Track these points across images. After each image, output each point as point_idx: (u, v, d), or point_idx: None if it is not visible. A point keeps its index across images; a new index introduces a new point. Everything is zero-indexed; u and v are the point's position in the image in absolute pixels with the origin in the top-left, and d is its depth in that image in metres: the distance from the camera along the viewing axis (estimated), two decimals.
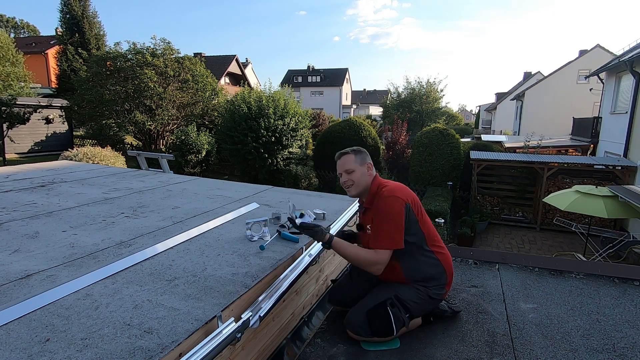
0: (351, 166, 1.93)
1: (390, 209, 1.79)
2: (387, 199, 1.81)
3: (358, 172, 1.93)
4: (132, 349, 1.16)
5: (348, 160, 1.94)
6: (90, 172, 4.20)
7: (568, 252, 8.16)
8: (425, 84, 25.65)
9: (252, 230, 2.14)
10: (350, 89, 54.80)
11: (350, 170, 1.93)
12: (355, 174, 1.92)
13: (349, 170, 1.93)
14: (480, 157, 10.47)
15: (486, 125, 38.60)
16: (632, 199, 5.90)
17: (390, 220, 1.78)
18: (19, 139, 16.34)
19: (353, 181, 1.93)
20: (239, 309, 1.48)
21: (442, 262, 1.91)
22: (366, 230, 1.94)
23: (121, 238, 2.11)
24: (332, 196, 3.30)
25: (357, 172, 1.93)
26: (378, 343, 1.84)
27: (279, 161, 13.13)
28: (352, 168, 1.93)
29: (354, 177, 1.92)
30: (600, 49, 20.83)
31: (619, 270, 2.53)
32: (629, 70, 9.82)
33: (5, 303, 1.39)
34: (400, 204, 1.79)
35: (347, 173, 1.93)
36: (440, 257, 1.92)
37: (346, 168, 1.94)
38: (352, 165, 1.93)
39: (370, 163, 1.98)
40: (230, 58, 30.63)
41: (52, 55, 25.97)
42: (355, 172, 1.93)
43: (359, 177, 1.93)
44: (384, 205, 1.81)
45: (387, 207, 1.79)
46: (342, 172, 1.95)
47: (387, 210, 1.79)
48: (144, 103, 14.09)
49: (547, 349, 1.77)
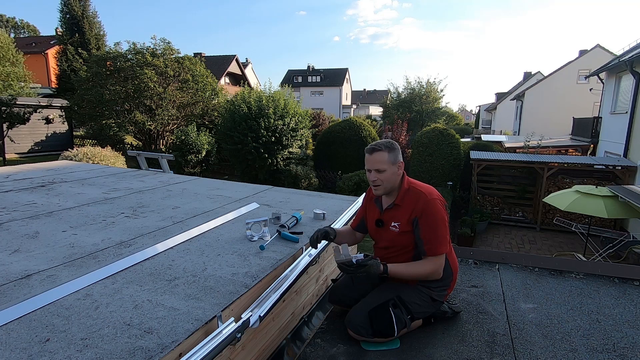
0: (384, 166, 1.80)
1: (440, 213, 1.77)
2: (434, 203, 1.77)
3: (389, 171, 1.81)
4: (132, 349, 1.16)
5: (381, 159, 1.80)
6: (90, 172, 4.20)
7: (568, 252, 8.15)
8: (425, 84, 25.67)
9: (252, 230, 2.14)
10: (350, 89, 54.80)
11: (382, 170, 1.80)
12: (386, 174, 1.81)
13: (380, 169, 1.80)
14: (480, 157, 10.47)
15: (486, 125, 38.60)
16: (632, 199, 5.90)
17: (443, 225, 1.77)
18: (19, 139, 16.33)
19: (382, 181, 1.82)
20: (239, 309, 1.48)
21: (450, 265, 1.91)
22: (389, 226, 1.89)
23: (121, 238, 2.11)
24: (332, 196, 3.30)
25: (389, 171, 1.81)
26: (378, 343, 1.84)
27: (279, 161, 13.13)
28: (384, 167, 1.80)
29: (384, 176, 1.81)
30: (600, 49, 20.82)
31: (619, 270, 2.53)
32: (629, 70, 9.81)
33: (5, 303, 1.39)
34: (443, 207, 1.79)
35: (378, 172, 1.81)
36: (451, 259, 1.91)
37: (377, 167, 1.81)
38: (385, 165, 1.80)
39: (402, 162, 1.86)
40: (230, 58, 30.64)
41: (52, 55, 25.96)
42: (386, 172, 1.81)
43: (389, 177, 1.81)
44: (434, 209, 1.76)
45: (437, 212, 1.76)
46: (373, 169, 1.82)
47: (438, 215, 1.76)
48: (144, 103, 14.09)
49: (547, 349, 1.77)
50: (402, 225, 1.84)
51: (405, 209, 1.83)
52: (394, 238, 1.88)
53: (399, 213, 1.86)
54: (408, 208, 1.82)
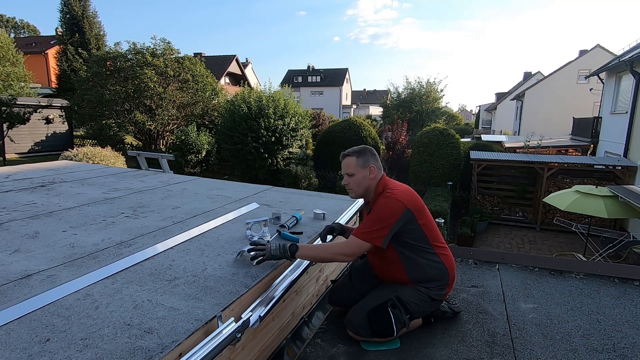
0: (352, 169, 1.92)
1: (385, 207, 1.79)
2: (386, 199, 1.82)
3: (359, 175, 1.91)
4: (132, 349, 1.16)
5: (349, 163, 1.93)
6: (90, 172, 4.20)
7: (568, 252, 8.16)
8: (425, 84, 25.66)
9: (252, 230, 2.14)
10: (350, 89, 54.79)
11: (351, 174, 1.93)
12: (355, 177, 1.92)
13: (349, 172, 1.93)
14: (480, 157, 10.47)
15: (486, 125, 38.60)
16: (632, 199, 5.90)
17: (380, 218, 1.78)
18: (19, 139, 16.33)
19: (353, 184, 1.93)
20: (239, 309, 1.48)
21: (444, 263, 1.91)
22: None
23: (121, 238, 2.11)
24: (332, 196, 3.30)
25: (358, 175, 1.92)
26: (378, 343, 1.84)
27: (279, 161, 13.13)
28: (353, 171, 1.92)
29: (354, 179, 1.92)
30: (600, 49, 20.83)
31: (619, 270, 2.53)
32: (629, 70, 9.82)
33: (5, 303, 1.39)
34: (398, 207, 1.78)
35: (348, 176, 1.94)
36: (443, 258, 1.91)
37: (347, 171, 1.94)
38: (353, 169, 1.92)
39: (373, 166, 1.92)
40: (230, 58, 30.64)
41: (52, 55, 25.97)
42: (355, 175, 1.92)
43: (359, 180, 1.91)
44: (381, 203, 1.82)
45: (383, 205, 1.81)
46: (344, 173, 1.96)
47: (382, 208, 1.80)
48: (144, 103, 14.09)
49: (547, 349, 1.77)
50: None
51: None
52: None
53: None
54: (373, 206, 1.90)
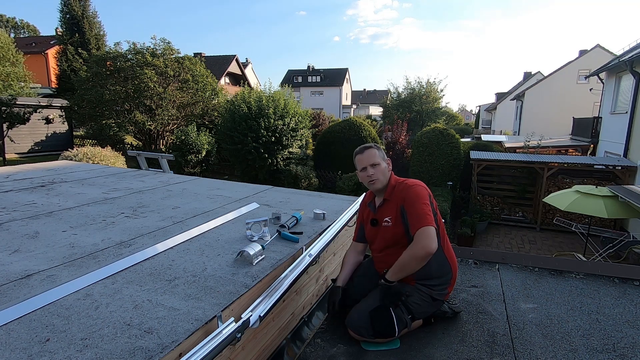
0: (377, 159, 1.95)
1: (421, 192, 1.86)
2: (414, 187, 1.88)
3: (382, 165, 1.96)
4: (132, 349, 1.16)
5: (373, 154, 1.96)
6: (90, 172, 4.20)
7: (568, 252, 8.15)
8: (425, 84, 25.67)
9: (252, 230, 2.14)
10: (350, 89, 54.79)
11: (376, 164, 1.94)
12: (380, 167, 1.95)
13: (374, 163, 1.94)
14: (480, 157, 10.47)
15: (486, 125, 38.59)
16: (632, 199, 5.90)
17: (424, 202, 1.82)
18: (19, 139, 16.33)
19: (379, 174, 1.94)
20: (239, 309, 1.48)
21: (448, 260, 1.93)
22: (382, 223, 1.95)
23: (121, 238, 2.11)
24: (332, 196, 3.30)
25: (382, 164, 1.96)
26: (378, 343, 1.84)
27: (279, 161, 13.13)
28: (378, 161, 1.95)
29: (379, 170, 1.94)
30: (600, 49, 20.82)
31: (619, 270, 2.52)
32: (629, 70, 9.82)
33: (5, 303, 1.39)
34: (426, 191, 1.88)
35: (373, 167, 1.94)
36: (448, 254, 1.94)
37: (372, 162, 1.94)
38: (378, 159, 1.95)
39: (389, 159, 2.04)
40: (230, 58, 30.63)
41: (52, 55, 25.97)
42: (380, 165, 1.95)
43: (384, 170, 1.96)
44: (414, 191, 1.86)
45: (417, 192, 1.86)
46: (368, 165, 1.95)
47: (419, 194, 1.85)
48: (144, 103, 14.09)
49: (547, 349, 1.77)
50: (393, 218, 1.91)
51: (394, 202, 1.92)
52: (388, 234, 1.93)
53: (388, 207, 1.94)
54: (396, 201, 1.92)
